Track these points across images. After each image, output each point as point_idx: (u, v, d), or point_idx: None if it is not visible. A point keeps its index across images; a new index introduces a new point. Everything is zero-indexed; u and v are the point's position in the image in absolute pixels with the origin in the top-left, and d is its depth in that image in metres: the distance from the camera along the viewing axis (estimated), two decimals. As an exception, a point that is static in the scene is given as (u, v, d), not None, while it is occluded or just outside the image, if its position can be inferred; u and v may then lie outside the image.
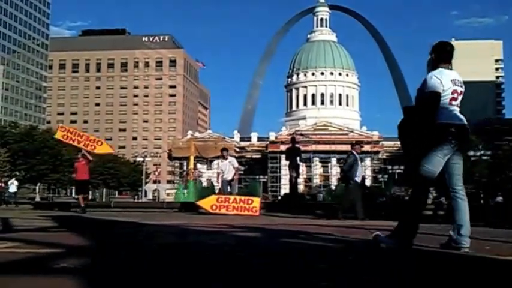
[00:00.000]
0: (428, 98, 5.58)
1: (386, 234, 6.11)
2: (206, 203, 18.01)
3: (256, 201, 17.77)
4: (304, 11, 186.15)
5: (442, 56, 5.85)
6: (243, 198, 17.95)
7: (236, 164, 19.84)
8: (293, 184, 22.48)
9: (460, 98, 5.72)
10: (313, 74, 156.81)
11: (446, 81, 5.62)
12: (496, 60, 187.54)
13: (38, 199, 60.70)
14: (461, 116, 5.73)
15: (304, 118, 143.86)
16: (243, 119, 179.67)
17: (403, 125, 5.86)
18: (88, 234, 8.32)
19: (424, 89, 5.72)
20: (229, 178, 18.70)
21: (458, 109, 5.72)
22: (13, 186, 41.19)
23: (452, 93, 5.63)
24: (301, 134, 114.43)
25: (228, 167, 18.77)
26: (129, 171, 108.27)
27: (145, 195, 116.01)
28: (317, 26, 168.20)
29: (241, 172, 65.70)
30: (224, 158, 19.13)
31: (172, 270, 4.26)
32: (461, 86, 5.73)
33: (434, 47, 5.90)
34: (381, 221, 12.15)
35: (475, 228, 6.10)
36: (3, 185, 41.62)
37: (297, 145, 23.65)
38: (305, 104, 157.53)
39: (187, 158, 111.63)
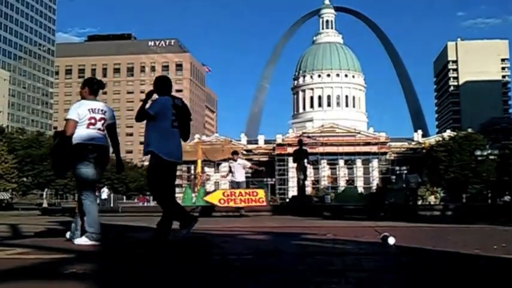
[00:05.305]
0: (65, 124, 6.69)
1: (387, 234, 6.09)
2: (213, 198, 18.66)
3: (261, 193, 18.31)
4: (309, 13, 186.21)
5: (88, 89, 6.99)
6: (248, 191, 18.43)
7: (248, 164, 20.04)
8: (301, 186, 22.50)
9: (100, 123, 6.82)
10: (319, 76, 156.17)
11: (83, 111, 6.75)
12: (502, 60, 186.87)
13: (45, 205, 60.80)
14: (100, 137, 6.85)
15: (311, 120, 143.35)
16: (250, 122, 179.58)
17: (55, 147, 6.86)
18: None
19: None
20: (239, 180, 18.52)
21: (99, 132, 6.84)
22: (104, 193, 42.78)
23: (89, 119, 6.75)
24: (308, 136, 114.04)
25: (238, 168, 18.62)
26: (136, 176, 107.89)
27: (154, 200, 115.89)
28: (323, 28, 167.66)
29: (249, 175, 65.59)
30: (234, 160, 18.90)
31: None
32: (102, 114, 6.87)
33: (83, 81, 7.10)
34: (389, 221, 12.13)
35: (483, 227, 6.08)
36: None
37: (304, 147, 23.67)
38: (312, 106, 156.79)
39: (194, 162, 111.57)
